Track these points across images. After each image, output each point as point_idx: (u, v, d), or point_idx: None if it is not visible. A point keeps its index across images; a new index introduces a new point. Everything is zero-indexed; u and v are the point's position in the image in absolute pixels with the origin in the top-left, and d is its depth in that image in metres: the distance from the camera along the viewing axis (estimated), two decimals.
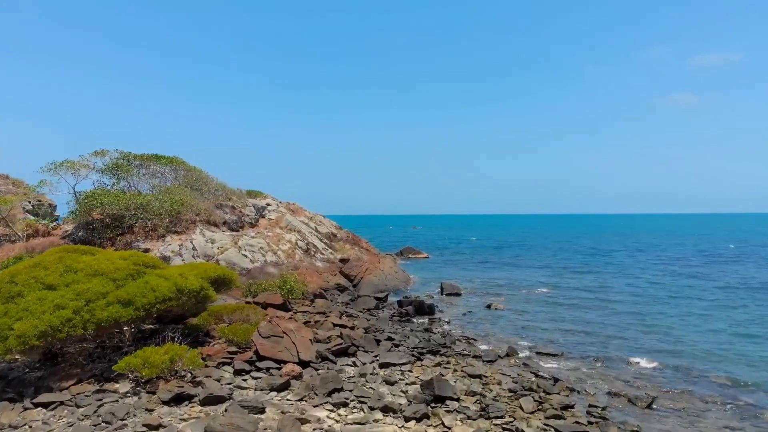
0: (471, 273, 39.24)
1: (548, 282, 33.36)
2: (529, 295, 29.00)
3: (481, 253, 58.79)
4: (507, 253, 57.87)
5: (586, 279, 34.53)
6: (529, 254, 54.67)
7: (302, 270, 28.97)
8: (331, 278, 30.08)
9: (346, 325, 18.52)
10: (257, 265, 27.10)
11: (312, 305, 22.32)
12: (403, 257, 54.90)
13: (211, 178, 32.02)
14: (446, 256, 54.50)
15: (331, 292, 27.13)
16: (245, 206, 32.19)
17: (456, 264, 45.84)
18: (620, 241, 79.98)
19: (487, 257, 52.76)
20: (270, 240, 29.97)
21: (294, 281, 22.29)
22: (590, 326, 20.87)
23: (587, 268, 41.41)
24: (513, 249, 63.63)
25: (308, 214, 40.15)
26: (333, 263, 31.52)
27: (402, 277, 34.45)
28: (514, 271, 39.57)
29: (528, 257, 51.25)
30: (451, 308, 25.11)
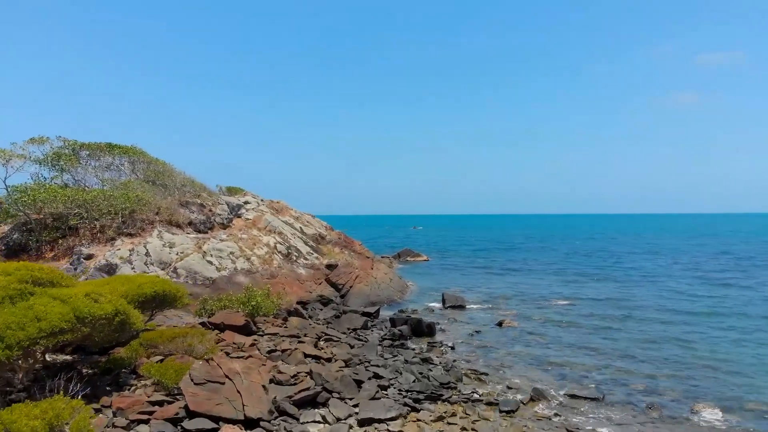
0: (475, 279, 35.07)
1: (564, 292, 29.16)
2: (545, 308, 24.80)
3: (486, 255, 54.61)
4: (513, 256, 53.69)
5: (607, 288, 30.31)
6: (536, 257, 50.48)
7: (280, 279, 24.80)
8: (315, 287, 25.92)
9: (321, 357, 14.38)
10: (224, 273, 22.92)
11: (284, 325, 18.16)
12: (401, 260, 50.74)
13: (177, 172, 27.88)
14: (447, 259, 50.32)
15: (312, 305, 22.96)
16: (216, 204, 28.02)
17: (458, 269, 41.64)
18: (630, 242, 75.80)
19: (492, 260, 48.57)
20: (244, 243, 25.80)
21: (262, 296, 18.10)
22: (628, 354, 16.68)
23: (604, 273, 37.22)
24: (519, 251, 59.46)
25: (294, 214, 35.98)
26: (318, 270, 27.35)
27: (398, 284, 30.26)
28: (523, 278, 35.37)
29: (536, 261, 47.05)
30: (455, 326, 20.92)
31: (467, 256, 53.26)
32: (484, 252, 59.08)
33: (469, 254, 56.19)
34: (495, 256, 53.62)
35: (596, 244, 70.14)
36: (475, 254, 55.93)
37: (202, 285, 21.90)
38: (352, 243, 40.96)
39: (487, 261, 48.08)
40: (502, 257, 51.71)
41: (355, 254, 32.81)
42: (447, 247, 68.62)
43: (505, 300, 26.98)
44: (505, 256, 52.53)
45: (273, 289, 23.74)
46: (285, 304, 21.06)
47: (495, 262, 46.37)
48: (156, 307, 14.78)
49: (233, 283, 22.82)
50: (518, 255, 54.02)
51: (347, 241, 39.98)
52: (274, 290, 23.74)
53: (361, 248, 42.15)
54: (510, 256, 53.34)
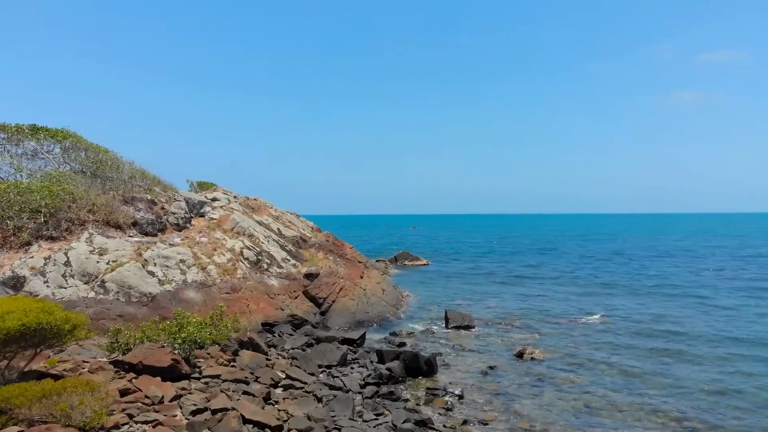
0: (482, 289, 30.29)
1: (590, 307, 24.38)
2: (571, 330, 20.04)
3: (491, 259, 49.81)
4: (521, 260, 48.89)
5: (642, 302, 25.51)
6: (547, 262, 45.65)
7: (244, 293, 20.04)
8: (289, 302, 21.17)
9: (268, 426, 9.65)
10: (169, 287, 18.14)
11: (233, 362, 13.45)
12: (398, 264, 45.95)
13: (125, 162, 23.10)
14: (449, 264, 45.50)
15: (280, 328, 18.19)
16: (172, 200, 23.22)
17: (462, 275, 36.82)
18: (641, 243, 70.94)
19: (499, 265, 43.76)
20: (201, 249, 21.03)
21: (201, 324, 13.34)
22: (709, 409, 11.89)
23: (629, 281, 32.45)
24: (527, 255, 54.64)
25: (273, 213, 31.21)
26: (295, 280, 22.57)
27: (392, 297, 25.47)
28: (537, 288, 30.57)
29: (548, 266, 42.21)
30: (462, 358, 16.11)
31: (471, 260, 48.44)
32: (490, 255, 54.26)
33: (474, 258, 51.38)
34: (501, 259, 48.82)
35: (609, 247, 65.33)
36: (480, 258, 51.13)
37: (137, 303, 17.14)
38: (342, 246, 36.18)
39: (494, 266, 43.26)
40: (510, 261, 46.91)
41: (344, 260, 28.02)
42: (449, 249, 63.87)
43: (521, 318, 22.19)
44: (513, 261, 47.73)
45: (232, 308, 19.02)
46: (245, 329, 16.31)
47: (502, 268, 41.56)
48: (32, 346, 10.14)
49: (180, 300, 18.07)
50: (527, 259, 49.22)
51: (336, 244, 35.20)
52: (233, 308, 19.01)
53: (353, 252, 37.39)
54: (518, 260, 48.54)
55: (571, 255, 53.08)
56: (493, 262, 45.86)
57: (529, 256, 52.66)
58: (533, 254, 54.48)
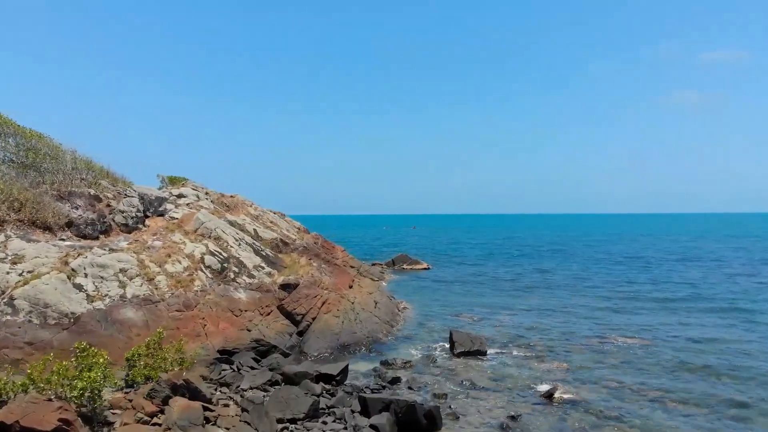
0: (492, 300, 26.50)
1: (624, 325, 20.60)
2: (609, 356, 16.25)
3: (497, 262, 46.00)
4: (529, 263, 45.09)
5: (681, 319, 21.71)
6: (559, 266, 41.82)
7: (201, 309, 16.24)
8: (259, 320, 17.37)
9: None
10: (101, 305, 14.35)
11: (158, 414, 9.70)
12: (395, 268, 42.17)
13: (65, 151, 19.30)
14: (452, 268, 41.69)
15: (241, 357, 14.37)
16: (121, 196, 19.41)
17: (467, 283, 33.01)
18: (653, 245, 67.08)
19: (506, 270, 39.97)
20: (152, 255, 17.23)
21: (101, 368, 9.58)
22: None
23: (657, 291, 28.68)
24: (534, 258, 50.83)
25: (253, 211, 27.39)
26: (268, 292, 18.76)
27: (386, 310, 21.65)
28: (552, 298, 26.77)
29: (560, 271, 38.40)
30: (474, 404, 12.27)
31: (475, 264, 44.61)
32: (494, 258, 50.42)
33: (477, 261, 47.54)
34: (507, 263, 45.01)
35: (619, 249, 61.49)
36: (484, 261, 47.29)
37: (55, 326, 13.33)
38: (332, 249, 32.37)
39: (500, 270, 39.47)
40: (516, 265, 43.09)
41: (331, 266, 24.20)
42: (450, 251, 60.07)
43: (541, 339, 18.39)
44: (520, 264, 43.93)
45: (183, 329, 15.21)
46: (190, 361, 12.60)
47: (509, 273, 37.77)
48: None
49: (115, 321, 14.27)
50: (534, 262, 45.41)
51: (326, 247, 31.40)
52: (184, 330, 15.22)
53: (344, 256, 33.57)
54: (525, 263, 44.73)
55: (582, 258, 49.27)
56: (499, 267, 42.03)
57: (537, 259, 48.85)
58: (541, 257, 50.65)
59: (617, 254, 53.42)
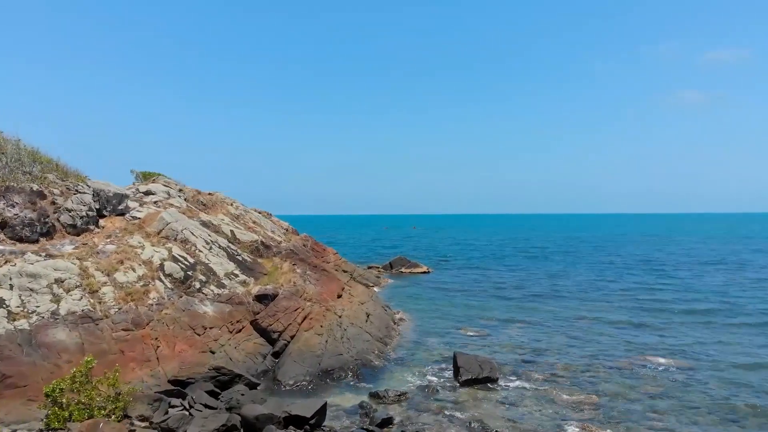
0: (498, 312, 23.80)
1: (650, 340, 17.96)
2: (643, 381, 13.58)
3: (501, 266, 43.26)
4: (536, 267, 42.37)
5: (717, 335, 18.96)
6: (568, 271, 39.07)
7: (155, 327, 13.56)
8: (227, 339, 14.67)
9: None
10: (24, 325, 11.66)
11: None
12: (393, 272, 39.43)
13: (7, 140, 16.59)
14: (454, 272, 38.98)
15: (197, 388, 11.65)
16: (70, 192, 16.69)
17: (470, 290, 30.28)
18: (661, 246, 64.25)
19: (512, 275, 37.26)
20: (100, 262, 14.54)
21: None
22: None
23: (681, 300, 25.98)
24: (540, 261, 48.10)
25: (233, 211, 24.68)
26: (241, 304, 16.06)
27: (380, 323, 18.93)
28: (570, 310, 24.06)
29: (570, 277, 35.67)
30: None
31: (477, 268, 41.87)
32: (498, 261, 47.63)
33: (480, 264, 44.78)
34: (512, 267, 42.26)
35: (629, 251, 58.73)
36: (487, 264, 44.54)
37: None
38: (322, 252, 29.67)
39: (505, 275, 36.76)
40: (522, 269, 40.35)
41: (318, 272, 21.47)
42: (451, 253, 57.33)
43: (558, 358, 15.72)
44: (526, 268, 41.20)
45: (129, 354, 12.55)
46: (126, 398, 9.97)
47: (515, 278, 35.05)
48: None
49: (42, 344, 11.62)
50: (540, 266, 42.67)
51: (316, 251, 28.72)
52: (131, 355, 12.56)
53: (336, 259, 30.85)
54: (531, 267, 42.01)
55: (592, 261, 46.52)
56: (503, 271, 39.30)
57: (544, 262, 46.11)
58: (548, 260, 47.89)
59: (627, 257, 50.68)
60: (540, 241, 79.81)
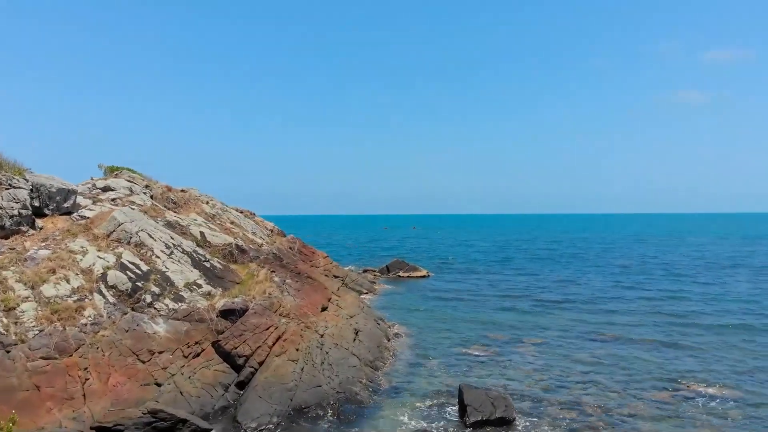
0: (508, 323, 21.13)
1: (690, 364, 15.26)
2: (692, 423, 10.86)
3: (507, 270, 40.56)
4: (543, 271, 39.66)
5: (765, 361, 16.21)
6: (580, 276, 36.34)
7: (82, 355, 10.87)
8: (180, 366, 11.98)
9: None
10: None
11: None
12: (390, 276, 36.72)
13: None
14: (456, 277, 36.30)
15: None
16: (1, 187, 14.01)
17: (475, 298, 27.57)
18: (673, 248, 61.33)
19: (519, 280, 34.58)
20: (24, 272, 11.86)
21: None
22: None
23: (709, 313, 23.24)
24: (548, 264, 45.35)
25: (208, 210, 22.03)
26: (202, 322, 13.37)
27: (370, 343, 16.20)
28: (585, 322, 21.39)
29: (583, 283, 32.93)
30: None
31: (482, 271, 39.17)
32: (503, 264, 44.87)
33: (484, 267, 42.05)
34: (518, 271, 39.53)
35: (641, 252, 55.91)
36: (492, 267, 41.82)
37: None
38: (311, 256, 26.96)
39: (512, 280, 34.09)
40: (529, 273, 37.64)
41: (300, 280, 18.76)
42: (452, 255, 54.62)
43: (584, 388, 13.05)
44: (533, 272, 38.50)
45: (44, 391, 9.87)
46: None
47: (523, 284, 32.35)
48: None
49: None
50: (551, 270, 39.95)
51: (304, 254, 26.08)
52: (47, 392, 9.86)
53: (327, 263, 28.09)
54: (539, 271, 39.29)
55: (603, 264, 43.73)
56: (509, 275, 36.59)
57: (552, 266, 43.36)
58: (556, 264, 45.12)
59: (640, 259, 47.86)
60: (545, 242, 77.02)
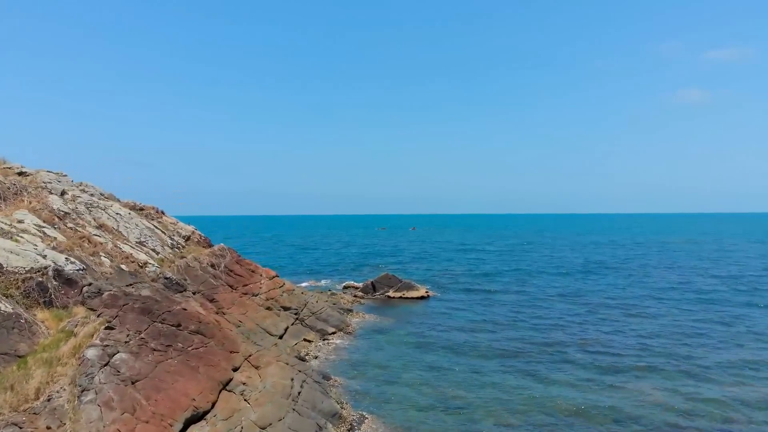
0: (566, 416, 12.18)
1: None
2: None
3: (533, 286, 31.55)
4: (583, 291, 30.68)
5: None
6: (635, 298, 27.30)
7: None
8: None
9: None
10: None
11: None
12: (376, 296, 27.66)
13: None
14: (464, 297, 27.41)
15: None
16: None
17: (497, 344, 18.52)
18: (722, 254, 52.19)
19: (556, 309, 25.52)
20: None
21: None
22: None
23: None
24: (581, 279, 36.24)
25: (57, 204, 13.27)
26: None
27: None
28: (674, 388, 12.43)
29: (653, 313, 23.70)
30: None
31: (497, 291, 30.14)
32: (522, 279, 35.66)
33: (499, 284, 32.89)
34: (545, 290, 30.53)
35: (691, 263, 46.09)
36: (509, 284, 32.77)
37: None
38: (247, 277, 18.08)
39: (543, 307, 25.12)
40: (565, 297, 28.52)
41: (175, 338, 9.89)
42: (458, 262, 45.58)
43: None
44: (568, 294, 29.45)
45: None
46: None
47: (561, 314, 23.31)
48: None
49: None
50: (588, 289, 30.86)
51: (235, 274, 17.29)
52: None
53: (272, 286, 19.05)
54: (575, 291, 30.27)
55: (653, 280, 34.26)
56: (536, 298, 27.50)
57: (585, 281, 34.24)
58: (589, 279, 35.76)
59: (696, 273, 37.70)
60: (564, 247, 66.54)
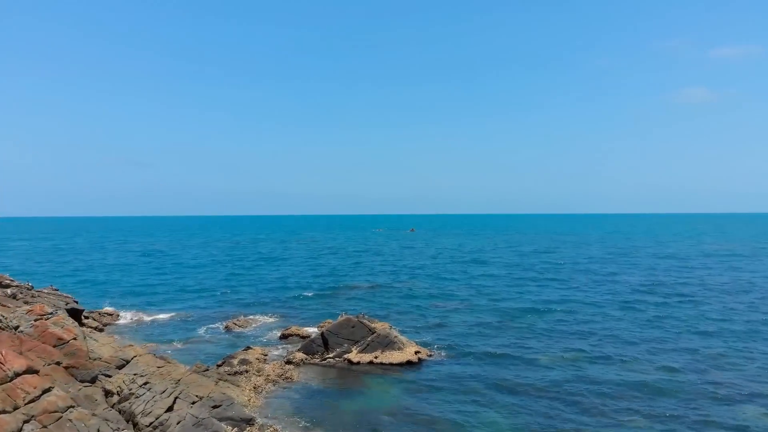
0: None
1: None
2: None
3: (590, 345, 21.05)
4: (618, 330, 20.79)
5: None
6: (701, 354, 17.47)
7: None
8: None
9: None
10: None
11: None
12: (326, 361, 17.72)
13: None
14: (486, 365, 17.37)
15: None
16: None
17: None
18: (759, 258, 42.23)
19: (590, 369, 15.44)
20: None
21: None
22: None
23: None
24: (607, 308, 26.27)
25: None
26: None
27: None
28: None
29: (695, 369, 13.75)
30: None
31: (533, 353, 19.64)
32: (564, 322, 24.05)
33: (533, 336, 20.95)
34: (584, 336, 20.62)
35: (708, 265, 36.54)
36: (552, 334, 21.67)
37: None
38: None
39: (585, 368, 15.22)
40: (661, 369, 18.53)
41: None
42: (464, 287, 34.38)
43: None
44: (606, 332, 19.58)
45: None
46: None
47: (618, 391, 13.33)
48: None
49: None
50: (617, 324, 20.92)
51: None
52: None
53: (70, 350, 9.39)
54: (609, 330, 20.44)
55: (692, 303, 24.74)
56: (613, 364, 17.59)
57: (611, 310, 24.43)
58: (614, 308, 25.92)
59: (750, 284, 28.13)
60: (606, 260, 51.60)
